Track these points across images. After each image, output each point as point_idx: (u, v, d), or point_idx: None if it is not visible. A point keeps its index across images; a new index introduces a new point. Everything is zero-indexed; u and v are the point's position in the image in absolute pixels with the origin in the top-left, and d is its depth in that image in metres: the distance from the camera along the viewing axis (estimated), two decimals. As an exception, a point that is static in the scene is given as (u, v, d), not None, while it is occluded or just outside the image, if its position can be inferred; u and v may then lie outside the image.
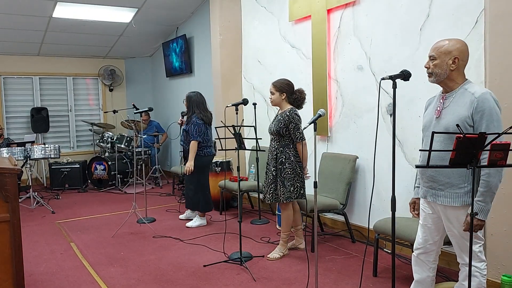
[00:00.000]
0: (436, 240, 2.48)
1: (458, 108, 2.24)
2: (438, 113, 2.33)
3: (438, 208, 2.38)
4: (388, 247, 3.92)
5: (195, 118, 4.72)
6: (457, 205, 2.27)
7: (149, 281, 3.39)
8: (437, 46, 2.31)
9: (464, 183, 2.24)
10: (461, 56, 2.26)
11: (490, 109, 2.16)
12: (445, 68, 2.27)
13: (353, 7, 4.26)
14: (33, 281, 3.43)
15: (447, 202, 2.29)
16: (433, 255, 2.52)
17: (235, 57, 6.06)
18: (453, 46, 2.27)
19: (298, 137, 3.65)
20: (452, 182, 2.27)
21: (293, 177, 3.69)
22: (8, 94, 7.93)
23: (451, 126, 2.22)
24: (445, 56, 2.26)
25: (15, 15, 6.25)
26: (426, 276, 2.55)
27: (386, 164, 3.76)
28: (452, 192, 2.28)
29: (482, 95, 2.18)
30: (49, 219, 5.42)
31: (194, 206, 4.95)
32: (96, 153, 8.06)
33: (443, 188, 2.30)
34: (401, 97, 3.67)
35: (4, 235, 2.58)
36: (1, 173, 2.55)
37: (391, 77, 2.34)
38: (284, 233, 3.85)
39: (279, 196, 3.71)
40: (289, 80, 3.82)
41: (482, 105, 2.16)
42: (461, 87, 2.29)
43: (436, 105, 2.39)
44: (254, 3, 5.70)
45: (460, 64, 2.27)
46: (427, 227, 2.49)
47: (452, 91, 2.31)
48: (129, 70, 9.07)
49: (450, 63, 2.26)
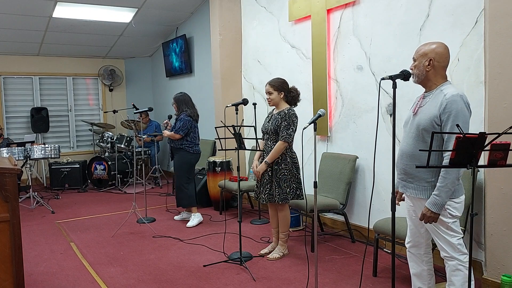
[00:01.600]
0: (422, 232, 2.57)
1: (431, 108, 2.35)
2: (415, 110, 2.46)
3: (412, 200, 2.51)
4: (388, 247, 3.93)
5: (183, 115, 4.88)
6: (423, 197, 2.39)
7: (149, 281, 3.39)
8: (417, 49, 2.45)
9: (432, 178, 2.36)
10: (436, 58, 2.37)
11: (457, 111, 2.25)
12: (422, 69, 2.40)
13: (353, 7, 4.26)
14: (33, 281, 3.43)
15: (415, 194, 2.43)
16: (423, 248, 2.60)
17: (235, 57, 6.06)
18: (430, 49, 2.40)
19: (284, 136, 3.62)
20: (421, 175, 2.39)
21: (289, 178, 3.68)
22: (8, 94, 7.93)
23: (422, 124, 2.35)
24: (422, 58, 2.40)
25: (15, 15, 6.25)
26: (421, 270, 2.62)
27: (386, 164, 3.76)
28: (420, 185, 2.40)
29: (451, 97, 2.28)
30: (49, 219, 5.42)
31: (186, 203, 5.03)
32: (96, 153, 8.06)
33: (412, 181, 2.44)
34: (401, 97, 3.66)
35: (4, 235, 2.58)
36: (1, 173, 2.55)
37: (391, 77, 2.37)
38: (283, 233, 3.85)
39: (274, 196, 3.70)
40: (284, 79, 3.82)
41: (450, 106, 2.26)
42: (438, 87, 2.39)
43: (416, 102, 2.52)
44: (254, 3, 5.70)
45: (436, 65, 2.38)
46: (412, 219, 2.60)
47: (430, 91, 2.43)
48: (129, 70, 9.07)
49: (426, 65, 2.39)
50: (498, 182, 2.95)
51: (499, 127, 2.84)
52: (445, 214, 2.34)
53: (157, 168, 7.61)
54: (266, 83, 3.78)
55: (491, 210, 3.01)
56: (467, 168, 2.00)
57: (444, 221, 2.35)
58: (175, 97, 5.01)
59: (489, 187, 3.01)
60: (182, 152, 4.91)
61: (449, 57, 2.42)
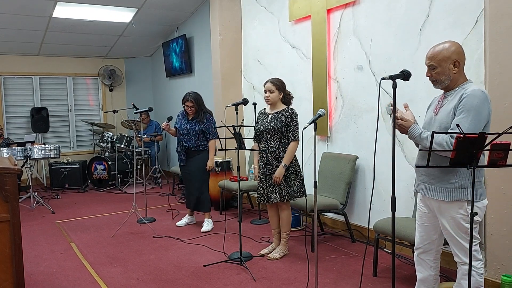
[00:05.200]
0: (434, 239, 2.51)
1: (451, 104, 2.30)
2: (436, 111, 2.40)
3: (432, 203, 2.42)
4: (388, 247, 3.92)
5: (210, 118, 4.68)
6: (446, 200, 2.31)
7: (149, 281, 3.39)
8: (433, 54, 2.33)
9: (455, 179, 2.28)
10: (460, 58, 2.31)
11: (471, 106, 2.19)
12: (448, 73, 2.31)
13: (353, 7, 4.26)
14: (33, 281, 3.43)
15: (437, 196, 2.34)
16: (433, 254, 2.55)
17: (235, 57, 6.06)
18: (450, 51, 2.29)
19: (296, 135, 3.66)
20: (443, 177, 2.31)
21: (295, 176, 3.71)
22: (8, 94, 7.92)
23: (444, 122, 2.30)
24: (445, 63, 2.30)
25: (15, 15, 6.25)
26: (428, 275, 2.58)
27: (386, 164, 3.76)
28: (442, 187, 2.32)
29: (472, 91, 2.23)
30: (49, 219, 5.42)
31: (208, 206, 4.79)
32: (96, 153, 8.06)
33: (434, 182, 2.36)
34: (401, 97, 3.66)
35: (4, 235, 2.58)
36: (1, 173, 2.55)
37: (391, 77, 2.35)
38: (285, 233, 3.85)
39: (282, 195, 3.71)
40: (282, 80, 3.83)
41: (466, 100, 2.22)
42: (460, 86, 2.34)
43: (436, 103, 2.45)
44: (254, 3, 5.70)
45: (461, 66, 2.32)
46: (424, 226, 2.52)
47: (451, 90, 2.36)
48: (129, 70, 9.07)
49: (451, 68, 2.30)
50: (498, 182, 2.95)
51: (499, 127, 2.83)
52: (467, 219, 2.24)
53: (157, 168, 7.62)
54: (267, 81, 3.77)
55: (491, 210, 3.00)
56: (467, 168, 2.00)
57: (464, 226, 2.26)
58: (194, 97, 4.59)
59: (489, 187, 3.01)
60: (203, 153, 4.68)
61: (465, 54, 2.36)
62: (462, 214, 2.27)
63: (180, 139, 4.73)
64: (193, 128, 4.64)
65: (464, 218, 2.26)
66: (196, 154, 4.68)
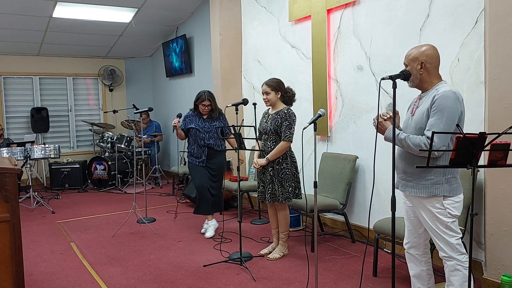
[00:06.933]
0: (420, 233, 2.59)
1: (425, 105, 2.38)
2: (412, 112, 2.50)
3: (411, 199, 2.52)
4: (388, 247, 3.93)
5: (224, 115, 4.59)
6: (424, 195, 2.40)
7: (149, 281, 3.39)
8: (407, 54, 2.52)
9: (431, 176, 2.37)
10: (427, 60, 2.41)
11: (444, 106, 2.28)
12: (416, 73, 2.43)
13: (353, 7, 4.26)
14: (33, 281, 3.43)
15: (415, 192, 2.44)
16: (421, 248, 2.62)
17: (235, 57, 6.06)
18: (419, 52, 2.43)
19: (288, 135, 3.63)
20: (419, 174, 2.41)
21: (290, 178, 3.70)
22: (8, 94, 7.93)
23: (419, 123, 2.39)
24: (413, 63, 2.43)
25: (15, 15, 6.25)
26: (420, 270, 2.64)
27: (386, 164, 3.76)
28: (419, 183, 2.41)
29: (443, 92, 2.31)
30: (49, 219, 5.42)
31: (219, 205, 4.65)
32: (96, 153, 8.06)
33: (411, 180, 2.45)
34: (401, 97, 3.66)
35: (4, 235, 2.58)
36: (1, 173, 2.55)
37: (391, 77, 2.37)
38: (283, 233, 3.85)
39: (277, 196, 3.70)
40: (279, 79, 3.82)
41: (439, 101, 2.30)
42: (434, 87, 2.42)
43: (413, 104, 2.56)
44: (254, 3, 5.70)
45: (429, 67, 2.41)
46: (411, 220, 2.62)
47: (426, 91, 2.46)
48: (129, 70, 9.07)
49: (418, 68, 2.42)
50: (498, 182, 2.95)
51: (499, 127, 2.84)
52: (444, 213, 2.35)
53: (157, 168, 7.62)
54: (263, 83, 3.77)
55: (491, 210, 3.01)
56: (467, 168, 2.00)
57: (443, 221, 2.36)
58: (210, 95, 4.42)
59: (489, 187, 3.01)
60: (224, 154, 4.61)
61: (439, 57, 2.44)
62: (439, 208, 2.37)
63: (199, 138, 4.45)
64: (213, 125, 4.47)
65: (441, 212, 2.36)
66: (218, 154, 4.53)
